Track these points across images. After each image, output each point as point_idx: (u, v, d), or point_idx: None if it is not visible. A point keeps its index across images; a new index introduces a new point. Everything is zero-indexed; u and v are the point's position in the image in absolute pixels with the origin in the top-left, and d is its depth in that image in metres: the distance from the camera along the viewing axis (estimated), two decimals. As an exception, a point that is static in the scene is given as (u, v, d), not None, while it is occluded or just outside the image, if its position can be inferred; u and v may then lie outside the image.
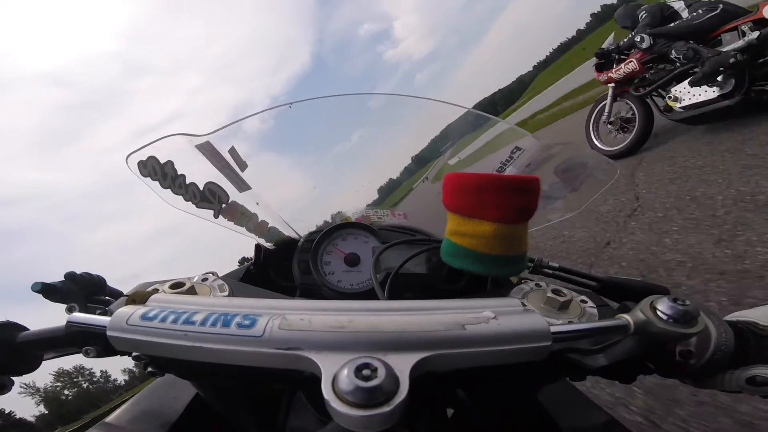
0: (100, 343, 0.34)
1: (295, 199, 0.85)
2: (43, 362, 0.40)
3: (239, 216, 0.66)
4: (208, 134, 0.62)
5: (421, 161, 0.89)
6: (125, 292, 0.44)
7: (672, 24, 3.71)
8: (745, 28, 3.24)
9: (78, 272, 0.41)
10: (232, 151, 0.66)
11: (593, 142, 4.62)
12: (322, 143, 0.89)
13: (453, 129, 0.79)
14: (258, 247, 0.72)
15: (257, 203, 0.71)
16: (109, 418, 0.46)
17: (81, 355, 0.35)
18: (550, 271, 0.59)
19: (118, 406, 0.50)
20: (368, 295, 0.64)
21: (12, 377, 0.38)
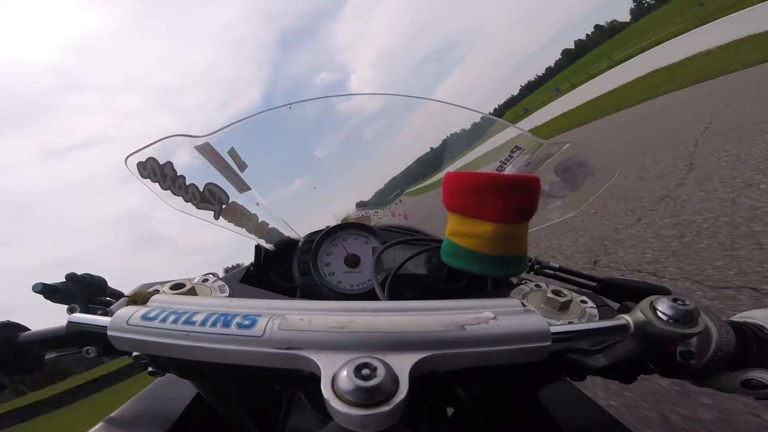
0: (100, 343, 0.34)
1: (295, 200, 0.85)
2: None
3: (239, 217, 0.66)
4: (207, 135, 0.62)
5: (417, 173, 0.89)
6: (126, 293, 0.44)
7: None
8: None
9: (79, 273, 0.41)
10: (232, 152, 0.66)
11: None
12: (321, 144, 0.89)
13: (455, 139, 0.79)
14: (258, 248, 0.72)
15: (257, 204, 0.71)
16: (110, 417, 0.46)
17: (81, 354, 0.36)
18: (551, 272, 0.59)
19: (119, 405, 0.50)
20: (368, 295, 0.64)
21: (12, 377, 0.38)
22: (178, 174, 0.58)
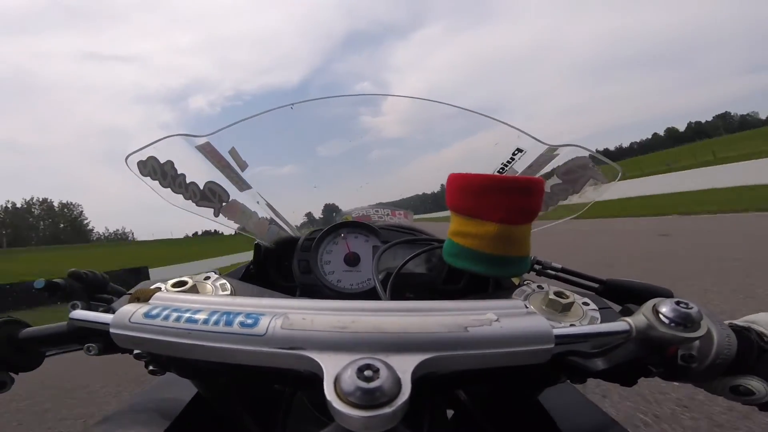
0: (102, 340, 0.34)
1: (295, 199, 0.85)
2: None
3: (239, 215, 0.66)
4: (208, 135, 0.62)
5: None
6: (128, 291, 0.44)
7: None
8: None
9: (81, 270, 0.41)
10: (233, 152, 0.66)
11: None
12: (322, 144, 0.89)
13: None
14: (257, 246, 0.72)
15: (257, 202, 0.71)
16: (110, 416, 0.46)
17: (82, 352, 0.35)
18: (553, 272, 0.59)
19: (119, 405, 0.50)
20: (368, 294, 0.64)
21: (13, 374, 0.38)
22: (179, 172, 0.58)
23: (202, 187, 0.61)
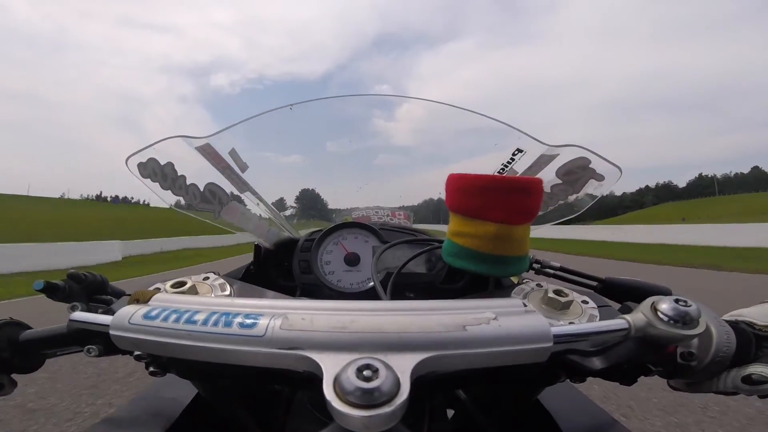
0: (102, 342, 0.34)
1: (293, 188, 0.86)
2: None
3: (239, 216, 0.66)
4: (208, 136, 0.62)
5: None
6: (127, 292, 0.44)
7: None
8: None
9: (80, 272, 0.41)
10: (233, 153, 0.66)
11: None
12: (322, 145, 0.89)
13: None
14: (257, 246, 0.72)
15: (257, 203, 0.71)
16: (110, 417, 0.46)
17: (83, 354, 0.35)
18: (551, 271, 0.59)
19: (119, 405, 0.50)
20: (368, 294, 0.64)
21: (13, 376, 0.38)
22: (179, 174, 0.58)
23: (202, 189, 0.61)
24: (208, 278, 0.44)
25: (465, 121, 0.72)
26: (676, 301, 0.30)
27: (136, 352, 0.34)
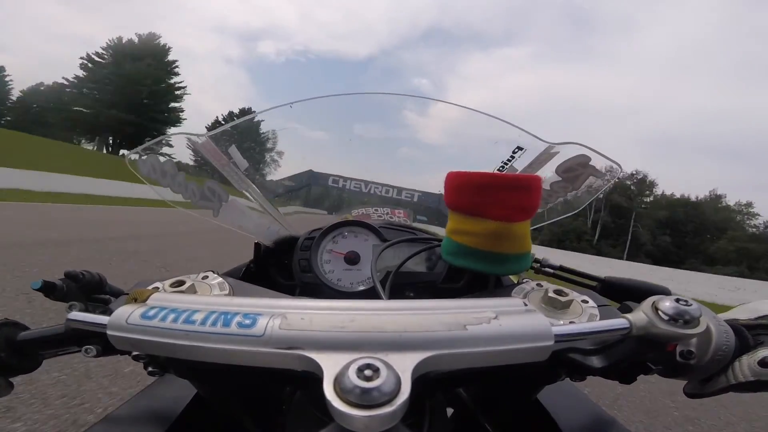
0: (100, 342, 0.34)
1: (296, 198, 0.85)
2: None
3: (239, 214, 0.66)
4: (208, 133, 0.62)
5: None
6: (125, 291, 0.44)
7: None
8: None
9: (78, 270, 0.41)
10: (233, 150, 0.66)
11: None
12: (322, 143, 0.88)
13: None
14: (257, 245, 0.72)
15: (257, 201, 0.71)
16: (109, 417, 0.46)
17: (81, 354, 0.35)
18: (551, 271, 0.59)
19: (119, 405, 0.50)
20: (368, 293, 0.64)
21: (10, 378, 0.37)
22: (179, 171, 0.58)
23: (201, 186, 0.61)
24: (207, 277, 0.44)
25: (468, 121, 0.72)
26: (677, 300, 0.30)
27: (134, 352, 0.34)
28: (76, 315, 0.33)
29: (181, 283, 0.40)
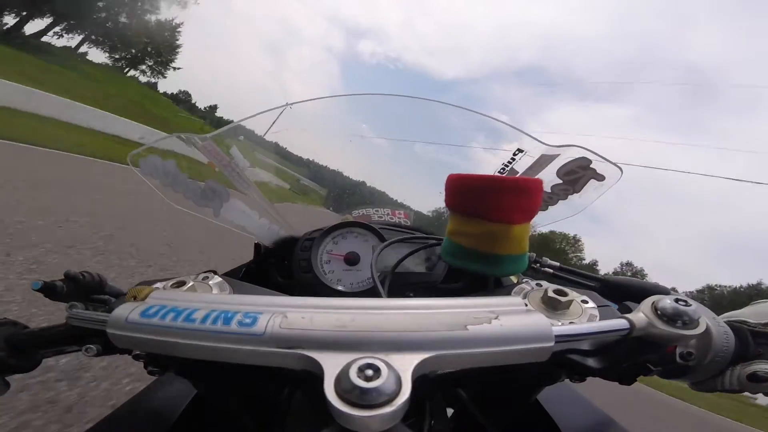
0: (100, 341, 0.34)
1: (296, 198, 0.85)
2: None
3: (240, 214, 0.66)
4: (209, 134, 0.62)
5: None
6: (125, 291, 0.44)
7: None
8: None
9: (78, 271, 0.41)
10: (234, 151, 0.66)
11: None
12: (322, 144, 0.89)
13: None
14: (257, 245, 0.72)
15: (258, 202, 0.71)
16: (109, 417, 0.46)
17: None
18: (551, 271, 0.59)
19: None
20: (368, 294, 0.64)
21: (7, 377, 0.37)
22: (180, 172, 0.58)
23: (202, 187, 0.61)
24: (207, 277, 0.44)
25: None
26: (677, 301, 0.30)
27: (135, 351, 0.34)
28: (76, 314, 0.33)
29: (182, 283, 0.40)
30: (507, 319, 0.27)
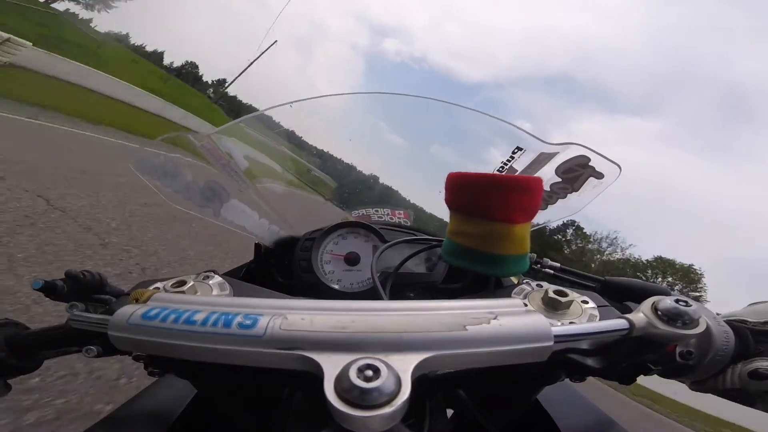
0: (101, 342, 0.34)
1: (296, 198, 0.85)
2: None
3: (240, 214, 0.66)
4: (209, 133, 0.62)
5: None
6: (126, 291, 0.44)
7: None
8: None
9: (78, 271, 0.41)
10: (234, 150, 0.66)
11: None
12: (323, 143, 0.89)
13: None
14: (258, 245, 0.72)
15: (258, 201, 0.71)
16: (109, 417, 0.46)
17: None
18: (552, 271, 0.59)
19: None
20: (368, 294, 0.64)
21: (8, 379, 0.37)
22: (180, 171, 0.58)
23: (202, 186, 0.61)
24: (207, 277, 0.44)
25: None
26: (677, 301, 0.30)
27: (135, 353, 0.34)
28: (77, 315, 0.33)
29: (182, 283, 0.40)
30: (506, 320, 0.27)
